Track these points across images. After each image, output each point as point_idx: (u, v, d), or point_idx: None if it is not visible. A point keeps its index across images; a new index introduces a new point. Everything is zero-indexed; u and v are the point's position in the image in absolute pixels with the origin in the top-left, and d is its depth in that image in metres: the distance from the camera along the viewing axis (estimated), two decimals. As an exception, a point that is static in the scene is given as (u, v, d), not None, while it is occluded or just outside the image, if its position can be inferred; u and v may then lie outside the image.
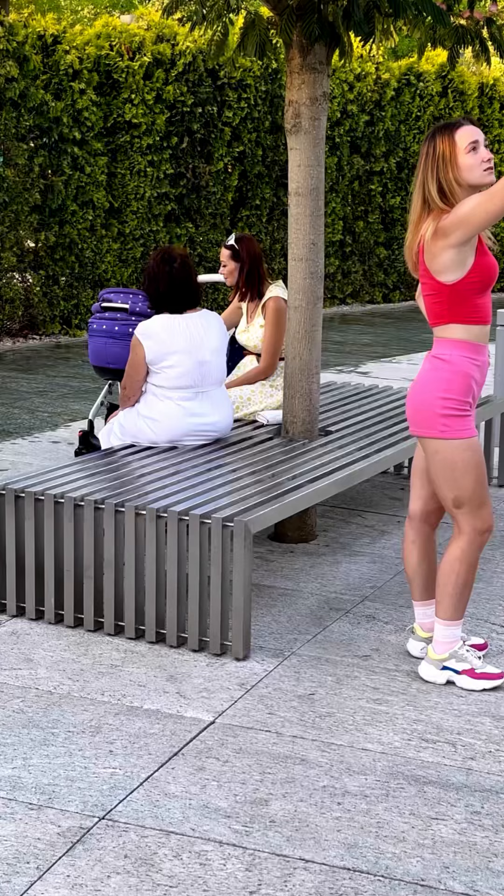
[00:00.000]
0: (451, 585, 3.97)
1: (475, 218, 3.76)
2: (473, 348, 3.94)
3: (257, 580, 4.99)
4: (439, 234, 3.82)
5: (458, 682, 4.02)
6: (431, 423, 3.91)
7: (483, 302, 3.94)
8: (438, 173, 3.84)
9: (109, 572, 4.35)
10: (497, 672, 4.02)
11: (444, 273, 3.88)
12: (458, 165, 3.83)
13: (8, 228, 11.78)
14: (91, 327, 6.31)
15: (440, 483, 3.96)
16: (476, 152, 3.85)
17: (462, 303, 3.90)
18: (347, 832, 3.13)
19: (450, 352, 3.93)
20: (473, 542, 3.97)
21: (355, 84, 15.49)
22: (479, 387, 3.99)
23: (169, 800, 3.27)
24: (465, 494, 3.93)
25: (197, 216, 13.73)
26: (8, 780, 3.35)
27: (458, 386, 3.90)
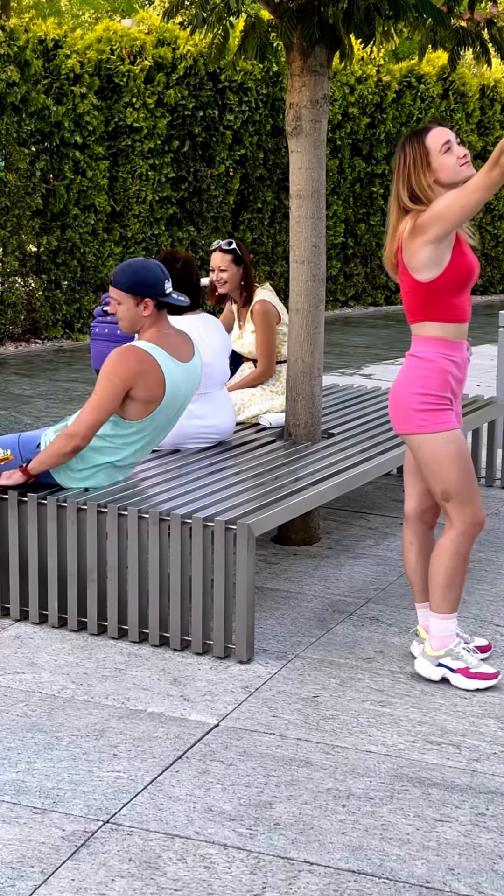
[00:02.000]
0: (440, 576, 4.00)
1: (451, 213, 3.80)
2: (450, 345, 3.97)
3: (260, 583, 4.99)
4: (417, 231, 3.87)
5: (453, 680, 4.03)
6: (409, 418, 3.96)
7: (460, 301, 3.97)
8: (410, 181, 3.90)
9: (113, 576, 4.35)
10: (492, 672, 4.03)
11: (421, 271, 3.92)
12: (434, 168, 3.88)
13: (10, 233, 11.79)
14: (93, 331, 6.31)
15: (427, 477, 4.02)
16: (451, 152, 3.90)
17: (438, 301, 3.94)
18: (352, 834, 3.13)
19: (426, 349, 3.97)
20: (464, 534, 4.00)
21: (356, 86, 15.49)
22: (458, 382, 4.02)
23: (173, 803, 3.27)
24: (451, 486, 3.96)
25: (199, 220, 13.74)
26: (12, 784, 3.35)
27: (434, 382, 3.94)
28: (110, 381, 4.39)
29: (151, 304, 4.47)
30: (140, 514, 4.28)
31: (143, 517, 4.28)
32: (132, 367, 4.40)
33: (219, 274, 5.91)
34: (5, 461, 4.54)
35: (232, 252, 5.91)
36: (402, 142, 3.97)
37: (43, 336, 12.51)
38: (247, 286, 5.96)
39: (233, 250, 5.92)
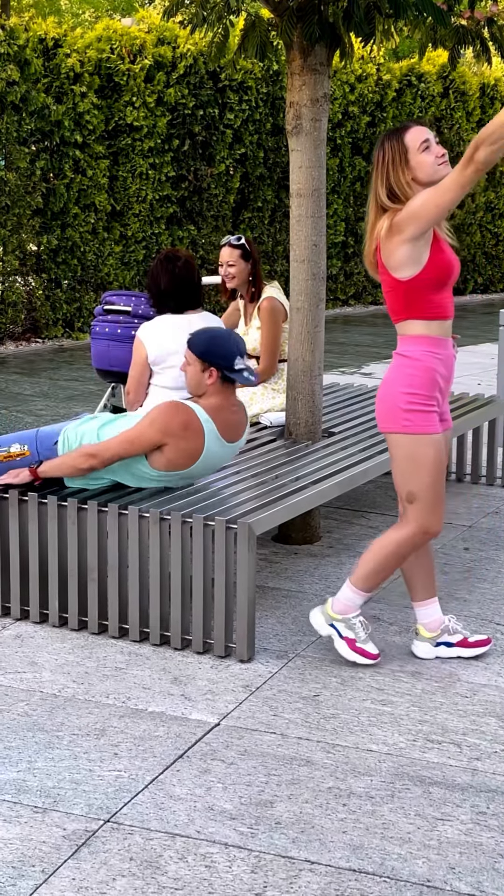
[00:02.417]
0: (373, 563, 4.09)
1: (427, 212, 3.82)
2: (435, 342, 3.99)
3: (261, 582, 4.99)
4: (394, 230, 3.88)
5: (336, 644, 4.18)
6: (395, 417, 3.98)
7: (440, 298, 3.98)
8: (388, 179, 3.91)
9: (113, 575, 4.35)
10: (374, 653, 4.16)
11: (400, 269, 3.94)
12: (412, 166, 3.90)
13: (10, 232, 11.79)
14: (94, 330, 6.31)
15: (397, 476, 4.05)
16: (429, 150, 3.92)
17: (418, 299, 3.96)
18: (353, 833, 3.13)
19: (412, 348, 3.99)
20: (414, 537, 4.05)
21: (356, 85, 15.49)
22: (444, 380, 4.03)
23: (174, 802, 3.27)
24: (420, 490, 4.00)
25: (199, 218, 13.74)
26: (13, 783, 3.35)
27: (421, 381, 3.96)
28: (151, 427, 4.36)
29: (216, 375, 4.40)
30: (140, 513, 4.28)
31: (144, 516, 4.28)
32: (175, 428, 4.35)
33: (227, 269, 5.95)
34: (21, 456, 4.54)
35: (241, 247, 5.96)
36: (381, 139, 3.99)
37: (43, 335, 12.52)
38: (254, 282, 6.00)
39: (242, 245, 5.96)
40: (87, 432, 4.56)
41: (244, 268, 5.96)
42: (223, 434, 4.47)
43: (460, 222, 17.32)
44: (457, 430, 6.11)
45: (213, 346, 4.40)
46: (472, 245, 17.67)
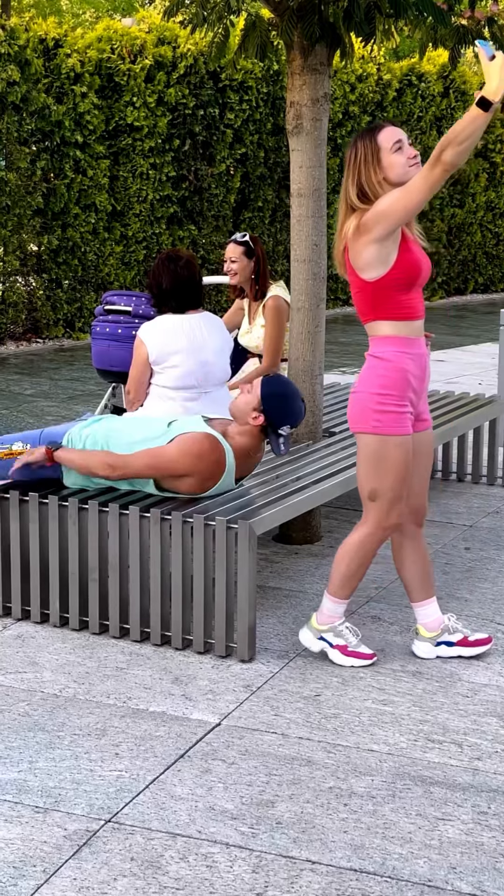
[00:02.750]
0: (343, 566, 4.12)
1: (395, 212, 3.82)
2: (406, 342, 3.99)
3: (262, 582, 4.99)
4: (361, 230, 3.89)
5: (330, 654, 4.19)
6: (366, 418, 3.99)
7: (409, 298, 3.98)
8: (360, 177, 3.91)
9: (114, 575, 4.35)
10: (369, 653, 4.17)
11: (367, 270, 3.94)
12: (384, 166, 3.90)
13: (11, 232, 11.79)
14: (94, 330, 6.31)
15: (361, 474, 4.07)
16: (402, 151, 3.92)
17: (386, 299, 3.96)
18: (354, 833, 3.13)
19: (384, 349, 3.99)
20: (375, 534, 4.08)
21: (357, 85, 15.49)
22: (417, 380, 4.03)
23: (175, 802, 3.27)
24: (383, 489, 4.02)
25: (199, 218, 13.74)
26: (14, 783, 3.35)
27: (393, 382, 3.97)
28: (181, 459, 4.33)
29: (262, 422, 4.36)
30: (141, 513, 4.28)
31: (145, 516, 4.28)
32: (204, 467, 4.34)
33: (229, 265, 6.05)
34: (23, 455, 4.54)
35: (244, 244, 6.02)
36: (354, 138, 3.99)
37: (44, 335, 12.52)
38: (258, 280, 6.04)
39: (245, 242, 6.02)
40: (91, 436, 4.55)
41: (246, 264, 6.03)
42: (236, 474, 4.49)
43: (461, 222, 17.33)
44: (457, 430, 6.11)
45: (283, 400, 4.37)
46: (473, 245, 17.67)
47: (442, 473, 6.76)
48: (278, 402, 4.36)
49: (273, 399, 4.36)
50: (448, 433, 5.98)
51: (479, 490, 6.55)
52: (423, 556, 4.25)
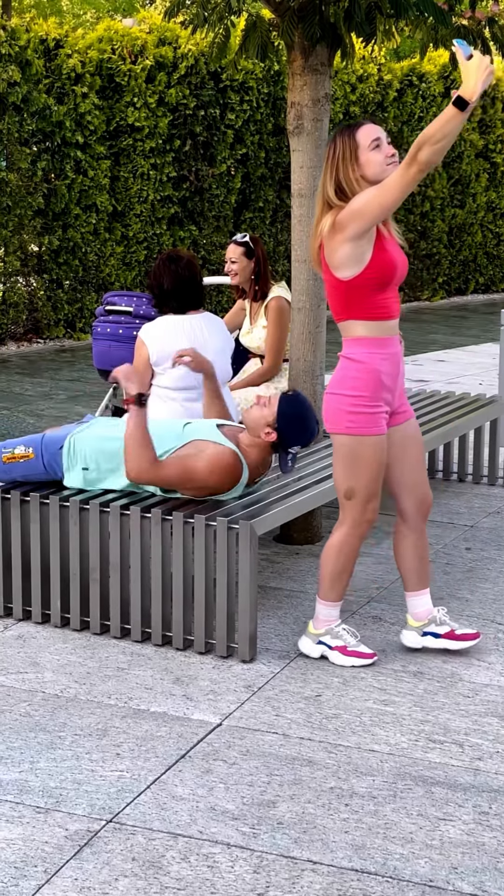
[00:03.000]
0: (329, 569, 4.15)
1: (369, 210, 3.83)
2: (379, 343, 4.00)
3: (263, 582, 4.99)
4: (336, 228, 3.89)
5: (331, 657, 4.20)
6: (340, 419, 4.02)
7: (383, 298, 3.99)
8: (338, 174, 3.92)
9: (115, 575, 4.35)
10: (369, 652, 4.18)
11: (341, 268, 3.94)
12: (362, 163, 3.91)
13: (11, 233, 11.79)
14: (95, 331, 6.31)
15: (337, 472, 4.09)
16: (380, 149, 3.93)
17: (361, 299, 3.96)
18: (355, 833, 3.13)
19: (357, 350, 4.00)
20: (353, 532, 4.11)
21: (357, 85, 15.49)
22: (391, 378, 4.04)
23: (176, 802, 3.27)
24: (358, 487, 4.05)
25: (200, 219, 13.74)
26: (15, 783, 3.35)
27: (366, 384, 3.98)
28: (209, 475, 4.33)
29: (273, 439, 4.37)
30: (142, 513, 4.28)
31: (146, 516, 4.28)
32: (227, 480, 4.35)
33: (230, 265, 6.08)
34: (25, 458, 4.54)
35: (244, 245, 6.04)
36: (334, 135, 4.00)
37: (45, 335, 12.52)
38: (258, 281, 6.05)
39: (245, 243, 6.04)
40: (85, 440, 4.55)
41: (246, 265, 6.05)
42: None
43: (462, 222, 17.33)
44: (458, 430, 6.11)
45: (299, 422, 4.37)
46: (474, 245, 17.67)
47: (443, 474, 6.76)
48: (294, 423, 4.37)
49: (289, 419, 4.37)
50: (449, 433, 5.98)
51: (479, 490, 6.55)
52: (423, 550, 4.27)
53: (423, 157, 3.66)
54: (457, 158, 17.06)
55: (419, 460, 4.21)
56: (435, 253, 16.98)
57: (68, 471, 4.52)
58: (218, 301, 13.85)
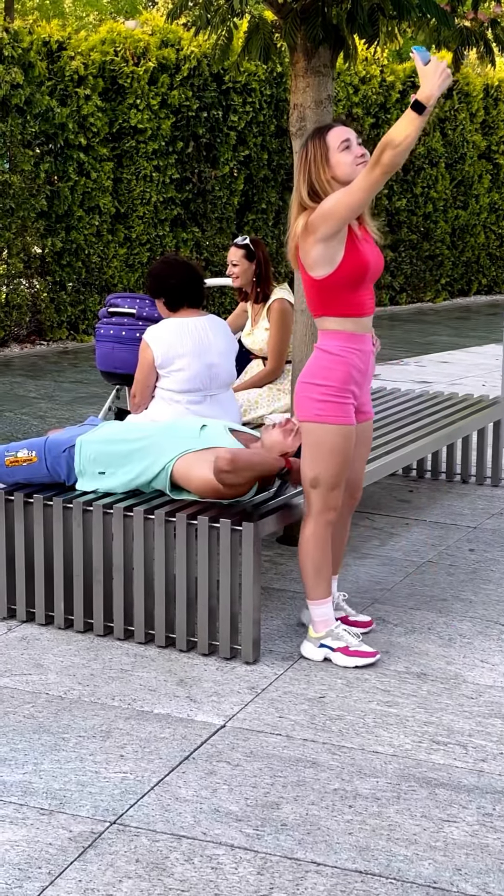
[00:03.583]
0: (309, 566, 4.19)
1: (338, 211, 3.92)
2: (352, 338, 4.10)
3: (266, 583, 4.99)
4: (309, 230, 4.00)
5: (334, 658, 4.22)
6: (308, 407, 4.10)
7: (357, 296, 4.08)
8: (310, 176, 4.02)
9: (119, 577, 4.35)
10: (370, 651, 4.21)
11: (315, 268, 4.05)
12: (332, 165, 4.00)
13: (14, 235, 11.80)
14: (98, 332, 6.31)
15: (305, 460, 4.16)
16: (350, 150, 4.01)
17: (334, 297, 4.06)
18: (359, 835, 3.13)
19: (331, 343, 4.10)
20: (319, 520, 4.17)
21: (360, 87, 15.49)
22: (361, 373, 4.14)
23: (180, 804, 3.27)
24: (323, 476, 4.12)
25: (203, 220, 13.75)
26: (19, 785, 3.35)
27: (335, 374, 4.08)
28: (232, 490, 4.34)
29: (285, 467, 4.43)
30: (146, 514, 4.28)
31: (149, 518, 4.28)
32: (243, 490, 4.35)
33: (231, 268, 6.10)
34: (28, 462, 4.54)
35: (244, 247, 6.07)
36: (306, 138, 4.10)
37: (48, 337, 12.53)
38: (259, 283, 6.06)
39: (245, 246, 6.06)
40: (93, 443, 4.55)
41: (248, 267, 6.07)
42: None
43: (465, 223, 17.32)
44: (461, 432, 6.11)
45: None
46: (477, 246, 17.66)
47: (446, 475, 6.76)
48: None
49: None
50: (452, 435, 5.98)
51: (483, 491, 6.55)
52: (343, 537, 4.41)
53: (386, 160, 3.77)
54: (460, 160, 17.06)
55: (363, 458, 4.36)
56: (438, 254, 16.98)
57: (81, 475, 4.52)
58: (221, 303, 13.86)
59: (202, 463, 4.35)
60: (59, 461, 4.54)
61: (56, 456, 4.55)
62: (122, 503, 4.37)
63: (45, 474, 4.56)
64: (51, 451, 4.56)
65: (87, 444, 4.55)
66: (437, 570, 5.22)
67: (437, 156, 16.62)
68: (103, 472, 4.51)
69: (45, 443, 4.61)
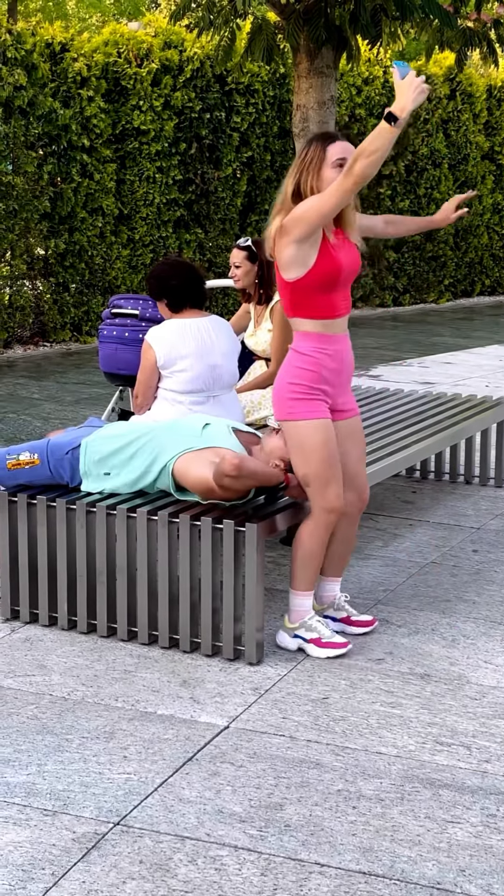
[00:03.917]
0: (299, 561, 4.26)
1: (310, 216, 3.98)
2: (324, 339, 4.17)
3: (270, 584, 4.99)
4: (283, 231, 4.06)
5: (307, 649, 4.28)
6: (282, 406, 4.19)
7: (329, 299, 4.15)
8: (300, 176, 4.09)
9: (122, 578, 4.35)
10: (342, 642, 4.27)
11: (287, 269, 4.12)
12: (321, 176, 4.06)
13: (18, 236, 11.81)
14: (101, 333, 6.31)
15: (293, 461, 4.24)
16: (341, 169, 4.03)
17: (306, 299, 4.13)
18: (363, 836, 3.13)
19: (304, 344, 4.18)
20: (319, 520, 4.21)
21: (363, 88, 15.49)
22: (334, 373, 4.21)
23: (183, 805, 3.27)
24: (311, 472, 4.18)
25: (206, 222, 13.75)
26: (23, 786, 3.35)
27: (306, 374, 4.16)
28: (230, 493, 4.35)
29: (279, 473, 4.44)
30: (149, 515, 4.28)
31: (153, 519, 4.28)
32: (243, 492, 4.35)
33: (233, 270, 6.09)
34: (30, 464, 4.55)
35: (247, 249, 6.06)
36: (311, 138, 4.14)
37: (51, 339, 12.53)
38: (262, 284, 6.05)
39: (247, 247, 6.06)
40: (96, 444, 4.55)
41: (250, 269, 6.05)
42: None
43: (468, 224, 17.31)
44: (465, 432, 6.11)
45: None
46: (480, 247, 17.66)
47: (449, 476, 6.75)
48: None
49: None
50: (456, 435, 5.98)
51: (486, 492, 6.55)
52: (350, 540, 4.44)
53: (357, 170, 3.83)
54: (463, 161, 17.05)
55: (359, 456, 4.39)
56: (441, 255, 16.98)
57: (86, 476, 4.53)
58: (224, 304, 13.86)
59: (201, 462, 4.35)
60: (63, 463, 4.54)
61: (59, 458, 4.55)
62: (126, 504, 4.37)
63: (48, 476, 4.56)
64: (53, 454, 4.56)
65: (91, 445, 4.55)
66: (440, 571, 5.22)
67: (441, 157, 16.61)
68: (108, 473, 4.51)
69: (46, 445, 4.61)
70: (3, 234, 11.60)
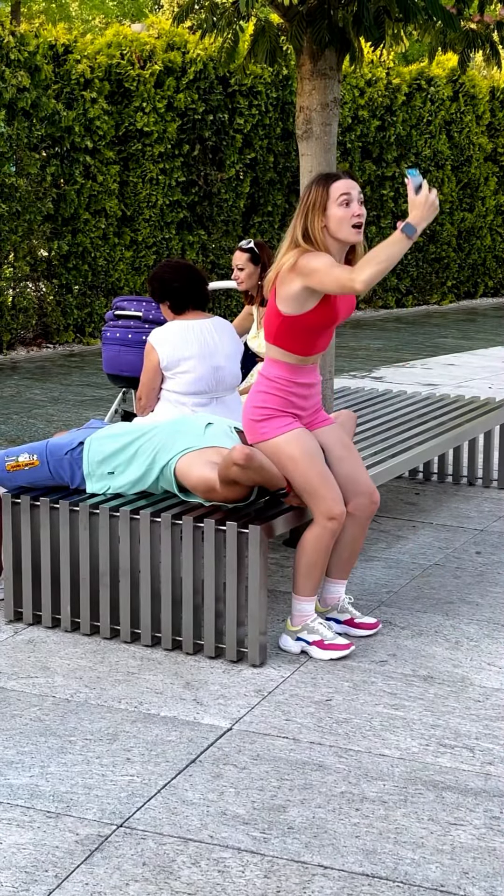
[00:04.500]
0: (301, 564, 4.25)
1: (314, 281, 4.03)
2: (295, 371, 4.23)
3: (273, 586, 4.99)
4: (297, 269, 4.08)
5: (310, 651, 4.29)
6: (253, 429, 4.25)
7: (313, 338, 4.19)
8: (306, 219, 4.13)
9: (125, 580, 4.35)
10: (345, 643, 4.28)
11: (285, 304, 4.15)
12: (328, 216, 4.09)
13: (21, 238, 11.82)
14: (104, 335, 6.32)
15: (286, 478, 4.26)
16: (348, 207, 4.09)
17: (291, 334, 4.17)
18: (366, 838, 3.13)
19: (273, 371, 4.24)
20: (321, 528, 4.22)
21: (366, 89, 15.50)
22: (303, 399, 4.25)
23: (187, 807, 3.27)
24: (300, 483, 4.21)
25: (209, 223, 13.76)
26: (26, 788, 3.35)
27: (273, 400, 4.23)
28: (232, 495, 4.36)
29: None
30: (152, 517, 4.28)
31: (156, 521, 4.28)
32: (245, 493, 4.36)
33: (236, 272, 6.10)
34: (30, 466, 4.55)
35: (249, 251, 6.07)
36: (312, 180, 4.19)
37: (54, 340, 12.54)
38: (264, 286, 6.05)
39: (250, 249, 6.07)
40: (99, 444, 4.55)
41: (253, 271, 6.07)
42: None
43: (471, 226, 17.32)
44: (468, 434, 6.10)
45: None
46: (483, 248, 17.66)
47: (453, 478, 6.75)
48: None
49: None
50: (459, 437, 5.98)
51: (489, 494, 6.54)
52: (358, 544, 4.43)
53: (365, 277, 3.90)
54: (466, 162, 17.05)
55: (353, 460, 4.37)
56: (444, 256, 16.98)
57: (90, 477, 4.53)
58: (227, 305, 13.86)
59: (203, 462, 4.35)
60: (62, 464, 4.54)
61: (59, 459, 4.55)
62: (129, 506, 4.37)
63: (48, 477, 4.56)
64: (53, 454, 4.56)
65: (93, 444, 4.55)
66: (443, 573, 5.22)
67: (443, 158, 16.61)
68: (112, 472, 4.51)
69: (45, 446, 4.61)
70: (6, 236, 11.60)
